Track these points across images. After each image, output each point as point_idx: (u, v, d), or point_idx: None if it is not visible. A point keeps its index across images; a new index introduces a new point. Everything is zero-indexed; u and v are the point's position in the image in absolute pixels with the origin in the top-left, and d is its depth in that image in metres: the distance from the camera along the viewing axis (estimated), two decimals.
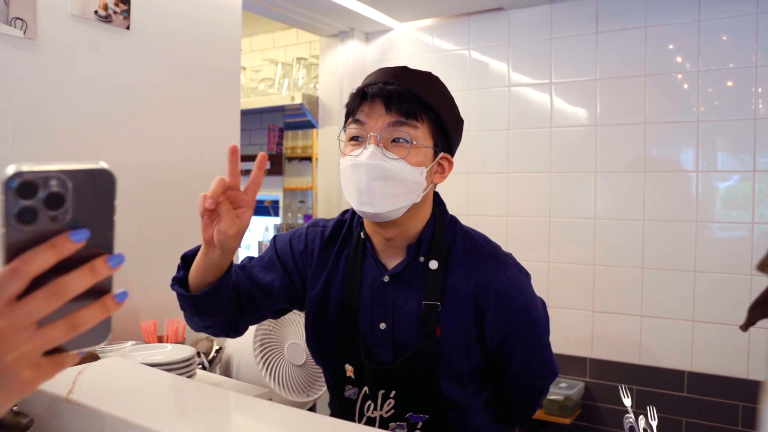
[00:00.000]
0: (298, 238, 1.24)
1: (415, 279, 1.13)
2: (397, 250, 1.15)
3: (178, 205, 1.83)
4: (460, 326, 1.11)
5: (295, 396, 1.75)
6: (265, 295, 1.18)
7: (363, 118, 1.07)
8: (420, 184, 1.09)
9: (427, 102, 1.07)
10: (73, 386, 0.81)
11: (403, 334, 1.12)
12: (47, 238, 0.48)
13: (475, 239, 1.18)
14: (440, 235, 1.14)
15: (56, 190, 0.49)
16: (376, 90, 1.06)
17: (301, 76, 3.26)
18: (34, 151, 1.48)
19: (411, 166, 1.06)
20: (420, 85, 1.09)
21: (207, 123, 1.91)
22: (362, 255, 1.17)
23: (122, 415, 0.72)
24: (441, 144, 1.13)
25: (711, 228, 2.36)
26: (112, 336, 1.73)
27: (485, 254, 1.15)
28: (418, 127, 1.07)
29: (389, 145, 1.06)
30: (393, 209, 1.07)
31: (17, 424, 0.71)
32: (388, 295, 1.14)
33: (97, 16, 1.61)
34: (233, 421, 0.81)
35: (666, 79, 2.42)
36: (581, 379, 2.62)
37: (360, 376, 1.17)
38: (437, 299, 1.10)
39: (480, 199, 2.82)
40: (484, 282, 1.11)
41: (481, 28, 2.82)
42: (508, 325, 1.12)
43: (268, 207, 3.61)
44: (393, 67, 1.12)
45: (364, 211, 1.07)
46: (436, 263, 1.12)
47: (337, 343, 1.18)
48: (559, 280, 2.65)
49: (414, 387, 1.13)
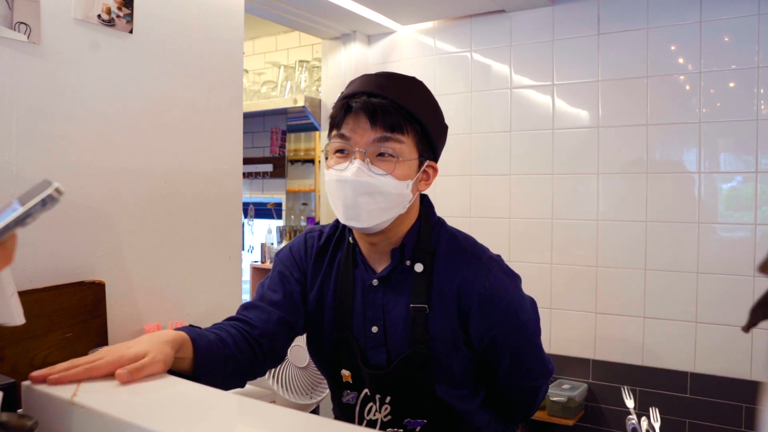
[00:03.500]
0: (298, 245, 1.24)
1: (403, 282, 1.13)
2: (383, 255, 1.15)
3: (181, 208, 1.83)
4: (447, 329, 1.10)
5: (298, 398, 1.75)
6: (292, 310, 1.17)
7: (347, 132, 1.06)
8: (406, 196, 1.08)
9: (412, 113, 1.06)
10: (78, 389, 0.81)
11: (395, 337, 1.12)
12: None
13: (460, 242, 1.16)
14: (426, 237, 1.14)
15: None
16: (360, 103, 1.04)
17: (303, 79, 3.26)
18: (39, 155, 1.49)
19: (397, 181, 1.06)
20: (404, 94, 1.07)
21: (210, 126, 1.92)
22: (353, 260, 1.17)
23: (126, 417, 0.73)
24: (426, 153, 1.12)
25: (714, 229, 2.36)
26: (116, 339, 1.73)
27: (468, 257, 1.13)
28: (404, 141, 1.06)
29: (375, 159, 1.05)
30: (380, 222, 1.07)
31: (21, 427, 0.72)
32: (377, 298, 1.14)
33: (100, 20, 1.62)
34: (237, 423, 0.82)
35: (668, 80, 2.42)
36: (584, 380, 2.62)
37: (357, 381, 1.17)
38: (424, 302, 1.10)
39: (482, 200, 2.82)
40: (467, 285, 1.10)
41: (482, 30, 2.82)
42: (494, 328, 1.11)
43: (271, 209, 3.61)
44: (377, 75, 1.10)
45: (350, 225, 1.08)
46: (421, 266, 1.11)
47: (333, 348, 1.18)
48: (561, 281, 2.65)
49: (409, 391, 1.13)
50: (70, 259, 1.56)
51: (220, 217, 1.95)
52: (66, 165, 1.55)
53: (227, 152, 1.98)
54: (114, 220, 1.66)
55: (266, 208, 3.64)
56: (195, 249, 1.88)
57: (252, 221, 3.73)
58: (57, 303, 1.49)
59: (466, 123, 2.84)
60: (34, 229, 1.48)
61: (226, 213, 1.98)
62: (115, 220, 1.66)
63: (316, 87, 3.24)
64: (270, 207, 3.62)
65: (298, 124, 3.48)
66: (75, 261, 1.57)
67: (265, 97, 3.37)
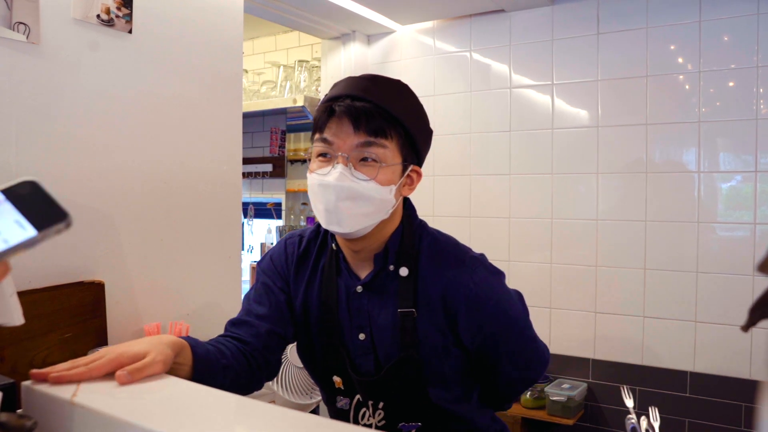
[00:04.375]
0: (278, 253, 1.23)
1: (388, 288, 1.12)
2: (366, 261, 1.14)
3: (180, 208, 1.83)
4: (435, 332, 1.10)
5: (297, 398, 1.75)
6: (281, 321, 1.16)
7: (330, 137, 1.05)
8: (389, 201, 1.07)
9: (396, 117, 1.05)
10: (78, 389, 0.81)
11: (383, 343, 1.12)
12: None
13: (441, 244, 1.14)
14: (409, 241, 1.12)
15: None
16: (343, 107, 1.03)
17: (302, 79, 3.26)
18: (39, 156, 1.49)
19: (380, 186, 1.04)
20: (389, 98, 1.06)
21: (209, 126, 1.92)
22: (337, 266, 1.16)
23: (126, 418, 0.73)
24: (410, 158, 1.10)
25: (713, 228, 2.36)
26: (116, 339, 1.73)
27: (450, 260, 1.11)
28: (387, 146, 1.05)
29: (358, 164, 1.04)
30: (361, 227, 1.06)
31: (21, 427, 0.71)
32: (363, 305, 1.13)
33: (100, 20, 1.62)
34: (236, 424, 0.82)
35: (667, 79, 2.42)
36: (584, 380, 2.62)
37: (349, 387, 1.16)
38: (412, 306, 1.09)
39: (482, 200, 2.83)
40: (452, 288, 1.09)
41: (482, 29, 2.83)
42: (485, 327, 1.10)
43: (270, 209, 3.61)
44: (361, 77, 1.09)
45: (332, 230, 1.07)
46: (406, 270, 1.10)
47: (322, 355, 1.17)
48: (561, 281, 2.65)
49: (401, 396, 1.12)
50: (69, 259, 1.56)
51: (220, 217, 1.95)
52: (66, 165, 1.55)
53: (227, 152, 1.98)
54: (114, 220, 1.66)
55: (266, 208, 3.63)
56: (195, 249, 1.88)
57: (252, 221, 3.73)
58: (56, 303, 1.49)
59: (465, 123, 2.84)
60: None
61: (225, 213, 1.98)
62: (114, 220, 1.66)
63: (315, 87, 3.24)
64: (270, 207, 3.61)
65: (298, 124, 3.48)
66: (74, 261, 1.57)
67: (265, 97, 3.37)
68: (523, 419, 2.55)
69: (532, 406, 2.56)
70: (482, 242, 2.76)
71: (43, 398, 0.81)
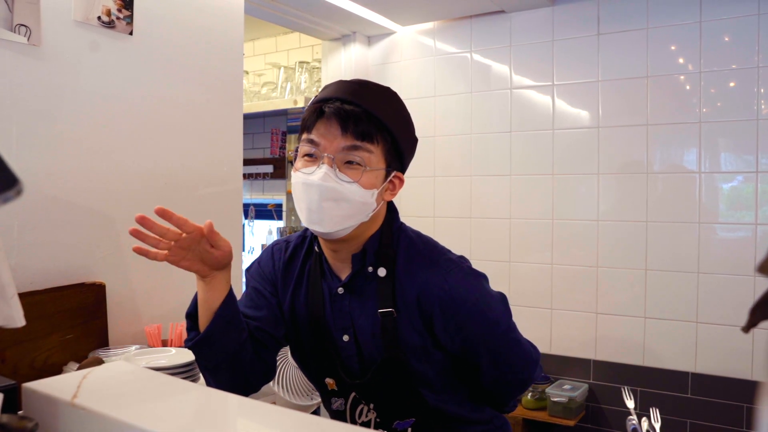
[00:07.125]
0: (266, 260, 1.24)
1: (368, 289, 1.13)
2: (345, 262, 1.15)
3: (181, 209, 1.82)
4: (414, 333, 1.10)
5: (298, 399, 1.75)
6: (274, 323, 1.18)
7: (317, 137, 1.06)
8: (370, 205, 1.08)
9: (383, 123, 1.06)
10: (78, 390, 0.81)
11: (366, 344, 1.12)
12: None
13: (417, 246, 1.15)
14: (387, 243, 1.13)
15: None
16: (333, 109, 1.05)
17: (303, 80, 3.26)
18: (39, 157, 1.49)
19: (363, 189, 1.06)
20: (378, 104, 1.07)
21: (210, 127, 1.92)
22: (321, 268, 1.17)
23: (126, 419, 0.73)
24: (394, 164, 1.12)
25: (714, 229, 2.36)
26: (117, 340, 1.73)
27: (425, 262, 1.12)
28: (373, 150, 1.07)
29: (343, 166, 1.06)
30: (342, 228, 1.07)
31: (21, 428, 0.72)
32: (344, 306, 1.14)
33: (100, 22, 1.62)
34: (237, 424, 0.82)
35: (668, 80, 2.42)
36: (585, 381, 2.61)
37: (342, 388, 1.17)
38: (391, 306, 1.10)
39: (482, 201, 2.82)
40: (426, 290, 1.09)
41: (482, 30, 2.83)
42: (463, 329, 1.10)
43: (271, 210, 3.61)
44: (351, 82, 1.11)
45: (313, 229, 1.08)
46: (384, 270, 1.11)
47: (313, 358, 1.19)
48: (562, 282, 2.65)
49: (391, 396, 1.13)
50: (70, 260, 1.56)
51: (221, 218, 1.95)
52: (66, 166, 1.55)
53: (227, 153, 1.98)
54: (114, 222, 1.66)
55: (267, 209, 3.64)
56: None
57: (252, 222, 3.73)
58: (58, 304, 1.49)
59: (466, 124, 2.84)
60: (35, 231, 1.48)
61: (226, 214, 1.98)
62: (115, 222, 1.66)
63: (316, 88, 3.24)
64: (270, 208, 3.61)
65: (299, 125, 3.48)
66: (75, 262, 1.57)
67: (265, 98, 3.37)
68: (524, 420, 2.55)
69: (533, 407, 2.56)
70: (483, 243, 2.76)
71: (44, 400, 0.81)
